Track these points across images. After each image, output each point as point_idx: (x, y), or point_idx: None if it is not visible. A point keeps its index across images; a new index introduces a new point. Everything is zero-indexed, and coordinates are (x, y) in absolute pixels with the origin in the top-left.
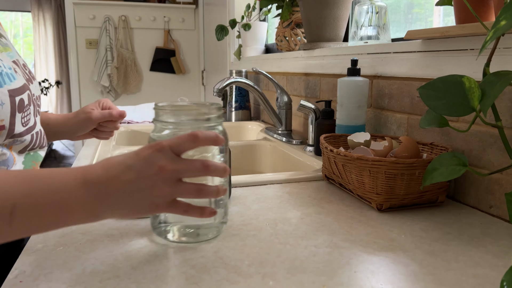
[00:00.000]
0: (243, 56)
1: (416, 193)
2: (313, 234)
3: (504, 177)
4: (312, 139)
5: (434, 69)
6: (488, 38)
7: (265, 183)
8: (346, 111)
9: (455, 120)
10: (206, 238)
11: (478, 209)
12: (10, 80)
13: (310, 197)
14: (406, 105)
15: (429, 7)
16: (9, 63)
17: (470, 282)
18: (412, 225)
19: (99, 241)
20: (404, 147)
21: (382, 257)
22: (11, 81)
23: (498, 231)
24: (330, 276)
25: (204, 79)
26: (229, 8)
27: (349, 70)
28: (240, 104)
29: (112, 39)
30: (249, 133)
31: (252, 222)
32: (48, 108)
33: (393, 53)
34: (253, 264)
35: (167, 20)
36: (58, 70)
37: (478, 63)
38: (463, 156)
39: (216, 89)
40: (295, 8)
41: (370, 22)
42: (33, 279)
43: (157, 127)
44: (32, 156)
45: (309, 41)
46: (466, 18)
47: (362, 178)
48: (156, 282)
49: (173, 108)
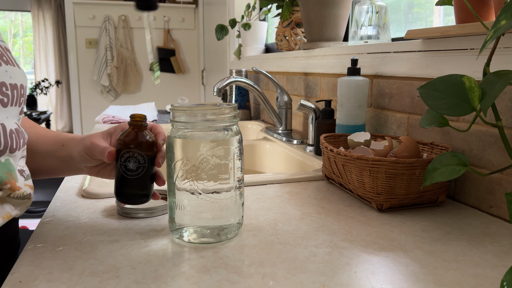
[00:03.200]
0: (243, 56)
1: (416, 193)
2: (313, 234)
3: (504, 177)
4: (312, 138)
5: (434, 69)
6: (488, 38)
7: (265, 183)
8: (346, 110)
9: (455, 119)
10: (225, 239)
11: (478, 209)
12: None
13: (310, 197)
14: (406, 104)
15: (429, 7)
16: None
17: (470, 282)
18: (412, 225)
19: (99, 241)
20: (404, 146)
21: (382, 257)
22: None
23: (498, 231)
24: (330, 276)
25: (204, 78)
26: (229, 7)
27: (349, 70)
28: (240, 103)
29: (112, 39)
30: (249, 133)
31: (252, 222)
32: (48, 108)
33: (393, 52)
34: (253, 264)
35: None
36: (58, 70)
37: (478, 63)
38: (463, 156)
39: (216, 89)
40: (295, 8)
41: (370, 22)
42: (33, 279)
43: (174, 128)
44: (3, 165)
45: (309, 40)
46: (466, 18)
47: (362, 178)
48: (156, 282)
49: (189, 109)
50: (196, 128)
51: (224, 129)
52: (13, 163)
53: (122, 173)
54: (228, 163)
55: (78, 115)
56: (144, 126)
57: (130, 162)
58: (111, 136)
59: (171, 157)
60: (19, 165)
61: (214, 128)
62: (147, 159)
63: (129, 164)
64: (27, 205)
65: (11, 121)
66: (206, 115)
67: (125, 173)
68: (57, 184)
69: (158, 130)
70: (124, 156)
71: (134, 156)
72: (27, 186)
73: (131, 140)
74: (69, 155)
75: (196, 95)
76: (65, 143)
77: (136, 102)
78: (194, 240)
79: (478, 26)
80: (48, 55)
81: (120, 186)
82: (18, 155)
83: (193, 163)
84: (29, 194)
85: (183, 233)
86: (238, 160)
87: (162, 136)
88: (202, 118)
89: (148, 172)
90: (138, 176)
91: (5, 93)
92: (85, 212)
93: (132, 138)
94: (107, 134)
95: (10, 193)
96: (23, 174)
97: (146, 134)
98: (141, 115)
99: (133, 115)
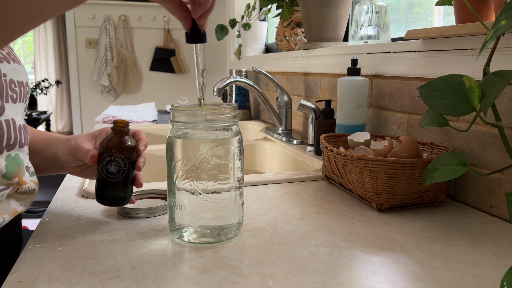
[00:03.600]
0: (243, 56)
1: (416, 193)
2: (313, 234)
3: (504, 177)
4: (312, 138)
5: (434, 69)
6: (488, 38)
7: (265, 183)
8: (346, 110)
9: (455, 119)
10: (225, 239)
11: (478, 209)
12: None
13: (310, 197)
14: (406, 104)
15: (429, 7)
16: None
17: (470, 282)
18: (412, 225)
19: (99, 241)
20: (404, 146)
21: (382, 257)
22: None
23: (498, 231)
24: (330, 276)
25: (204, 78)
26: (229, 7)
27: (349, 70)
28: (240, 103)
29: (112, 39)
30: (249, 133)
31: (252, 222)
32: (48, 108)
33: (393, 52)
34: (253, 264)
35: (167, 19)
36: (58, 70)
37: (478, 63)
38: (463, 156)
39: (216, 89)
40: (295, 8)
41: (370, 22)
42: (33, 279)
43: (174, 128)
44: (13, 159)
45: (309, 40)
46: (466, 18)
47: (362, 178)
48: (156, 282)
49: (189, 109)
50: (196, 128)
51: (224, 129)
52: (21, 158)
53: (104, 176)
54: (228, 163)
55: (78, 115)
56: (126, 131)
57: (112, 165)
58: (96, 139)
59: (171, 157)
60: (25, 161)
61: (214, 128)
62: (128, 163)
63: (110, 167)
64: (31, 200)
65: (19, 117)
66: (206, 115)
67: (106, 176)
68: (57, 184)
69: (140, 136)
70: (105, 160)
71: (115, 160)
72: (32, 182)
73: (113, 145)
74: (54, 154)
75: (196, 95)
76: (49, 142)
77: (136, 102)
78: (194, 240)
79: (478, 26)
80: (48, 55)
81: (101, 188)
82: (25, 150)
83: (193, 163)
84: (34, 190)
85: (183, 233)
86: (238, 160)
87: (143, 142)
88: (202, 118)
89: (128, 176)
90: (119, 179)
91: (14, 90)
92: (85, 212)
93: (114, 143)
94: (92, 137)
95: (18, 188)
96: (29, 170)
97: (128, 139)
98: (123, 120)
99: (116, 121)
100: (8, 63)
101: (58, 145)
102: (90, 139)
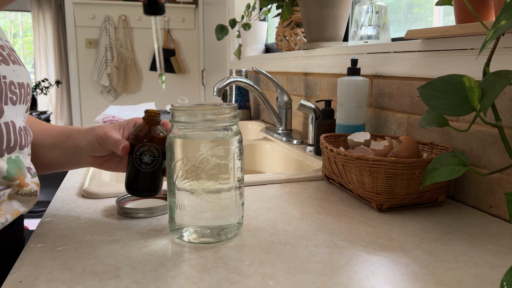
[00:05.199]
0: (243, 56)
1: (416, 193)
2: (313, 234)
3: (504, 177)
4: (312, 138)
5: (434, 69)
6: (488, 38)
7: (265, 183)
8: (346, 110)
9: (455, 119)
10: (225, 239)
11: (478, 209)
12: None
13: (310, 197)
14: (406, 104)
15: (429, 7)
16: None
17: (470, 282)
18: (412, 225)
19: (99, 241)
20: (404, 146)
21: (382, 257)
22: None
23: (498, 231)
24: (330, 276)
25: (204, 78)
26: (229, 7)
27: (349, 70)
28: (240, 103)
29: (112, 39)
30: (249, 133)
31: (252, 222)
32: (48, 108)
33: (393, 52)
34: (253, 264)
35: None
36: (58, 70)
37: (478, 63)
38: (463, 156)
39: (216, 89)
40: (295, 8)
41: (370, 22)
42: (33, 279)
43: (174, 128)
44: (14, 161)
45: (309, 40)
46: (466, 18)
47: (362, 178)
48: (156, 282)
49: (189, 109)
50: (196, 128)
51: (224, 129)
52: (22, 160)
53: (137, 166)
54: (228, 163)
55: (78, 115)
56: (158, 121)
57: (146, 155)
58: (123, 129)
59: (171, 157)
60: (26, 162)
61: (214, 128)
62: (161, 152)
63: (145, 157)
64: (33, 202)
65: (19, 118)
66: (206, 115)
67: (140, 166)
68: (57, 184)
69: (169, 125)
70: (139, 150)
71: (149, 150)
72: (33, 183)
73: (145, 134)
74: (75, 145)
75: (196, 95)
76: (70, 134)
77: (136, 102)
78: (194, 240)
79: (478, 26)
80: (48, 55)
81: (134, 179)
82: (26, 152)
83: (193, 163)
84: (36, 191)
85: (183, 233)
86: (238, 160)
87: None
88: (202, 118)
89: (161, 165)
90: (153, 169)
91: (14, 92)
92: (85, 212)
93: (146, 132)
94: (119, 126)
95: (19, 189)
96: (30, 171)
97: (160, 129)
98: (155, 111)
99: (148, 111)
100: (7, 65)
101: (80, 136)
102: (118, 128)
